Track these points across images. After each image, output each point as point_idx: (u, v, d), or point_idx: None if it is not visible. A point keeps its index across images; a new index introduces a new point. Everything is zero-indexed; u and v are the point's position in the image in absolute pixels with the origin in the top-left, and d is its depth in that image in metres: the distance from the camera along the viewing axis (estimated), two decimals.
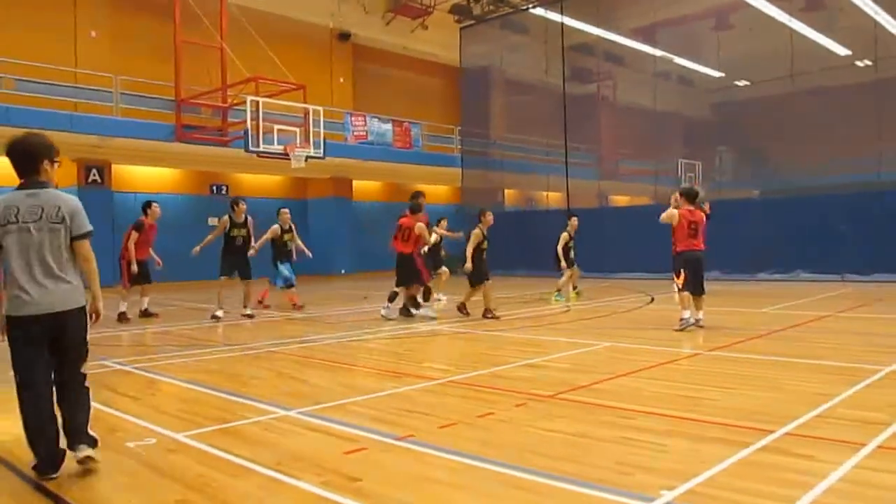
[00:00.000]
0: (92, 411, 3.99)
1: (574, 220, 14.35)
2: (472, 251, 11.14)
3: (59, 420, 3.85)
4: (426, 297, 12.25)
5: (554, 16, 23.50)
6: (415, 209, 11.39)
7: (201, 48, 19.21)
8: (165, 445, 4.32)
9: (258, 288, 12.94)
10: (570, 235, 14.09)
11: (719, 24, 22.77)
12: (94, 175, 19.80)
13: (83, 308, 3.96)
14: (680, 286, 9.38)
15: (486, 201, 25.87)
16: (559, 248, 13.97)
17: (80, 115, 17.80)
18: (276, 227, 12.96)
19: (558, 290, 14.02)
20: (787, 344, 7.89)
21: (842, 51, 21.16)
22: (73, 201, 3.97)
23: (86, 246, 3.97)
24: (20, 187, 3.90)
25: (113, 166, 20.45)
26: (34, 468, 3.78)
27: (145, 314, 12.19)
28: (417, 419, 4.85)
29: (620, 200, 31.48)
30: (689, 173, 24.67)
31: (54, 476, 3.75)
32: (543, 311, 12.28)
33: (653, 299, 13.69)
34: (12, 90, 17.19)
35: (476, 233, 11.19)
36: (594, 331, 9.46)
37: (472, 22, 26.71)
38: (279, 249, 13.03)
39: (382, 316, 11.14)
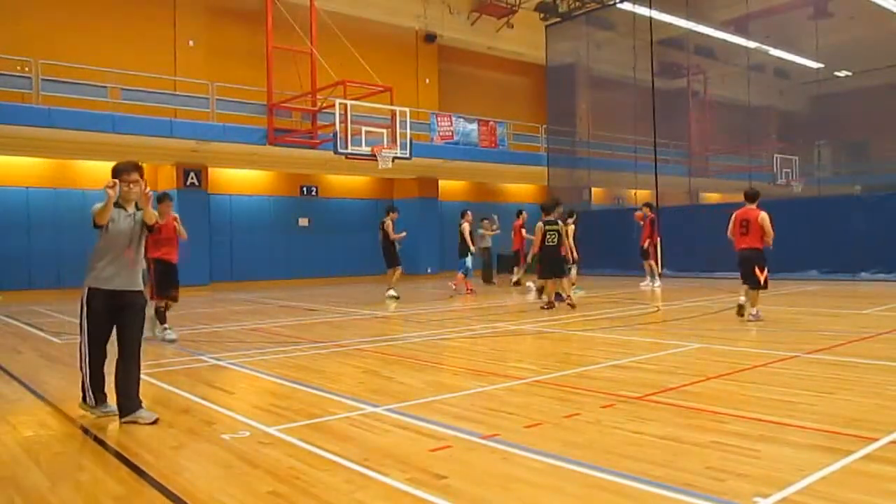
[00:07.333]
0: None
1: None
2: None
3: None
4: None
5: (642, 10, 23.03)
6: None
7: (292, 54, 19.74)
8: (258, 438, 4.47)
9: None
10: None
11: (818, 12, 21.76)
12: (192, 178, 20.61)
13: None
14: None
15: (572, 200, 25.66)
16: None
17: (179, 121, 18.56)
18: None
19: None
20: (891, 347, 7.50)
21: None
22: None
23: None
24: None
25: (209, 169, 21.26)
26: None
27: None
28: (503, 418, 4.85)
29: (712, 198, 30.59)
30: (784, 169, 23.76)
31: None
32: (631, 311, 12.05)
33: None
34: (118, 100, 18.10)
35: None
36: (684, 332, 9.23)
37: (558, 19, 26.45)
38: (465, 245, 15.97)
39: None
